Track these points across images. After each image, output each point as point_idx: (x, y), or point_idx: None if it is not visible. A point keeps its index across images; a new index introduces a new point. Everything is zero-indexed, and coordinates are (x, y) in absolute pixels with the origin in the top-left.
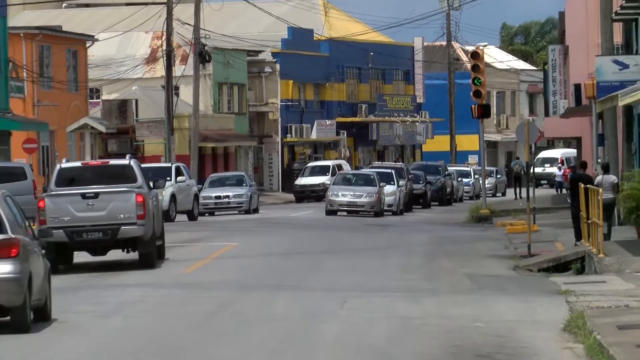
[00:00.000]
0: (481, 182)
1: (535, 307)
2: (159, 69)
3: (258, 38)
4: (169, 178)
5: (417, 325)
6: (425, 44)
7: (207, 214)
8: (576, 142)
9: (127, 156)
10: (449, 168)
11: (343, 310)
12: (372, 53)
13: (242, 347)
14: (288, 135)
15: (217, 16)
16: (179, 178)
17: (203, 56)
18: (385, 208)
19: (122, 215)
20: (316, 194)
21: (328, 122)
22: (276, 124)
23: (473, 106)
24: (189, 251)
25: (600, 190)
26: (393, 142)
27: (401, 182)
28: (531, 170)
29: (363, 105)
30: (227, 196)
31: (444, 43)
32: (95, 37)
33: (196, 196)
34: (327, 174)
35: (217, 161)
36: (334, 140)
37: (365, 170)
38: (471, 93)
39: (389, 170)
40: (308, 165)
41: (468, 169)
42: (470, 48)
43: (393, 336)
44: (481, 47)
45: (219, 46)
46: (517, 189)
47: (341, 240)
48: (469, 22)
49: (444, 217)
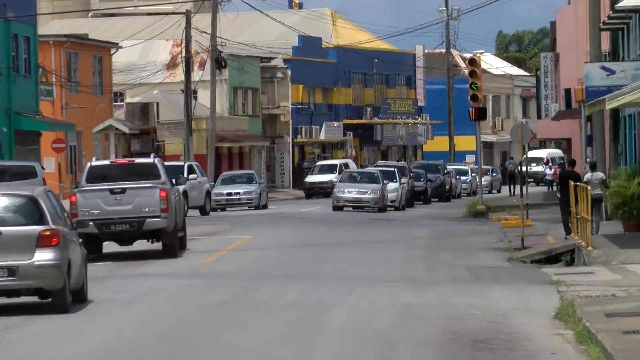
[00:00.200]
0: (478, 180)
1: (528, 296)
2: (179, 74)
3: (271, 46)
4: (182, 175)
5: (419, 312)
6: (425, 52)
7: (219, 210)
8: (567, 143)
9: (152, 155)
10: (448, 167)
11: (350, 298)
12: (377, 60)
13: (256, 333)
14: (298, 136)
15: (233, 25)
16: (191, 176)
17: (219, 62)
18: (388, 204)
19: (147, 208)
20: (324, 191)
21: (335, 124)
22: (287, 126)
23: (470, 109)
24: (207, 243)
25: (589, 187)
26: (396, 143)
27: (403, 180)
28: (524, 168)
29: (368, 108)
30: (238, 193)
31: (444, 50)
32: (119, 45)
33: (208, 193)
34: (335, 172)
35: (233, 160)
36: (341, 140)
37: (369, 168)
38: (469, 97)
39: (392, 168)
40: (317, 163)
41: (466, 168)
42: (467, 55)
43: (396, 323)
44: (478, 55)
45: (235, 53)
46: (512, 187)
47: (348, 233)
48: (467, 31)
49: (444, 213)
